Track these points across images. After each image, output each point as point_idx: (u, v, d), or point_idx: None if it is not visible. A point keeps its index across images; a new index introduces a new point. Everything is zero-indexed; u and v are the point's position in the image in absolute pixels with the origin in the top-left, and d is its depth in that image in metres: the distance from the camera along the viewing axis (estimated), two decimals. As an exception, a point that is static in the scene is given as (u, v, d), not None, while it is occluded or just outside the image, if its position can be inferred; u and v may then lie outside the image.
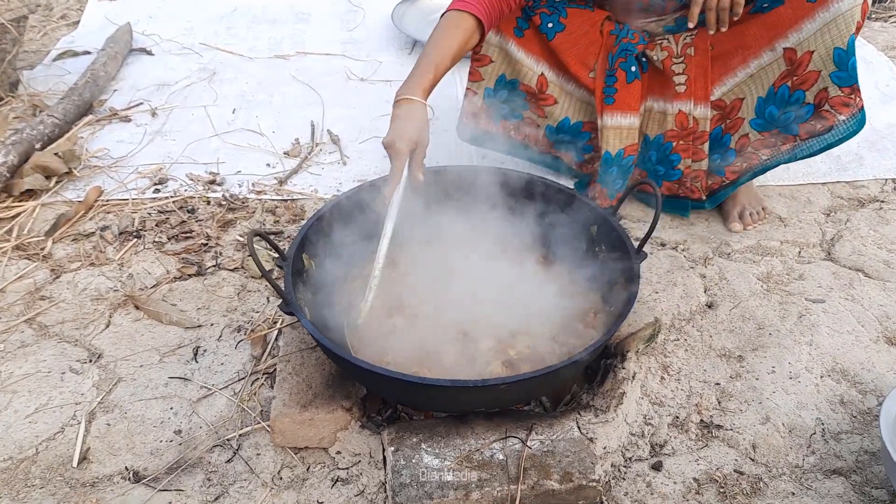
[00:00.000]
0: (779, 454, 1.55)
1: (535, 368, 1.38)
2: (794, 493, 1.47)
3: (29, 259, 2.02)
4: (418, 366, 1.51)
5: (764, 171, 2.05)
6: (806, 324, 1.86)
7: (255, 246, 1.48)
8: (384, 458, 1.42)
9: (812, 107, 1.89)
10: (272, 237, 2.10)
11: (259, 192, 2.31)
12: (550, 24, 2.03)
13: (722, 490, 1.47)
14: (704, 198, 2.15)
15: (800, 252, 2.13)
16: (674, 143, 2.08)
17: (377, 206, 1.66)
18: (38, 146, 2.37)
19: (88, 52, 3.17)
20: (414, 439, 1.41)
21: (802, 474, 1.51)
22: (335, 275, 1.66)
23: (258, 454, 1.53)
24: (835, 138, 1.90)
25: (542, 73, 2.10)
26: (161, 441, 1.56)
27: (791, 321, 1.88)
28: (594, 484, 1.37)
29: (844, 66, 1.80)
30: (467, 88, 2.19)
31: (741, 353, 1.79)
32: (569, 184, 2.20)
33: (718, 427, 1.61)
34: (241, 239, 2.10)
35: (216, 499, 1.44)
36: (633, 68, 2.00)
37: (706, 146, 2.05)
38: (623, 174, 2.11)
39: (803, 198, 2.34)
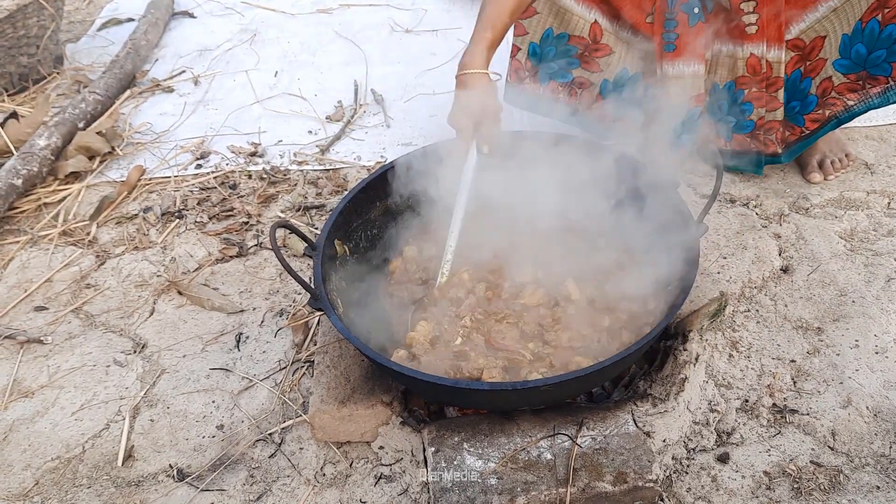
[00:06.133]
0: (862, 442, 1.41)
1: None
2: (878, 487, 1.33)
3: (75, 245, 2.01)
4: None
5: (850, 118, 1.82)
6: (895, 288, 1.67)
7: (291, 226, 1.40)
8: (425, 457, 1.35)
9: None
10: (314, 211, 2.04)
11: (301, 163, 2.23)
12: None
13: (796, 485, 1.34)
14: (780, 151, 1.94)
15: (889, 203, 1.91)
16: (745, 91, 1.87)
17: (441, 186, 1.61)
18: (81, 125, 2.35)
19: (132, 20, 3.12)
20: (455, 438, 1.33)
21: (889, 464, 1.36)
22: (372, 261, 1.58)
23: (301, 448, 1.49)
24: None
25: (596, 21, 1.89)
26: (204, 437, 1.53)
27: (878, 286, 1.69)
28: (651, 484, 1.26)
29: None
30: (512, 45, 1.98)
31: (820, 324, 1.62)
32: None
33: (793, 411, 1.46)
34: (282, 216, 2.03)
35: (259, 498, 1.41)
36: (696, 9, 1.78)
37: (781, 93, 1.83)
38: (688, 128, 1.91)
39: (894, 139, 2.10)
